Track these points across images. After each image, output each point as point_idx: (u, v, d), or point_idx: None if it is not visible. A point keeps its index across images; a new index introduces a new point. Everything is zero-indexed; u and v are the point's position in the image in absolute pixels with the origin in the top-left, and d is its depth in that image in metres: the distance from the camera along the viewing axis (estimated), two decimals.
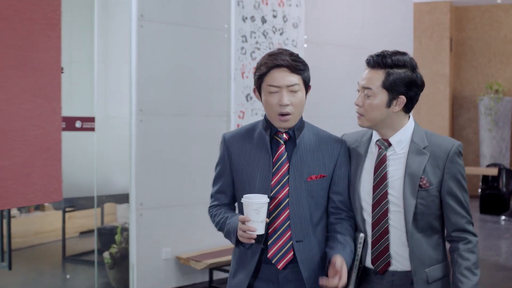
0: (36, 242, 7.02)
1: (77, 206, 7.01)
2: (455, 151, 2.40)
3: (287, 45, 6.44)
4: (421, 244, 2.42)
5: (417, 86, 2.41)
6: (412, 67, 2.41)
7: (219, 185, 2.59)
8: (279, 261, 2.43)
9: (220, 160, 2.58)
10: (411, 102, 2.43)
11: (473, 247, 2.45)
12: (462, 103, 13.29)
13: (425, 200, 2.40)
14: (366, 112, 2.43)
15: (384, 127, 2.45)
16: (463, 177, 2.43)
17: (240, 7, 6.01)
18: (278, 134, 2.49)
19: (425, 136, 2.45)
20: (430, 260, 2.44)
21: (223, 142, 2.58)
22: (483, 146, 12.35)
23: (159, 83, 5.45)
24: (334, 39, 6.99)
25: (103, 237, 5.98)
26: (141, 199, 5.33)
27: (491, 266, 7.03)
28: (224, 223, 2.49)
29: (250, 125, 2.61)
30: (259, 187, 2.45)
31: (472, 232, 2.47)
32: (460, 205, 2.43)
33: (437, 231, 2.48)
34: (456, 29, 13.20)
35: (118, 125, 5.54)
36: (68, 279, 6.17)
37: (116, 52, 5.75)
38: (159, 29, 5.42)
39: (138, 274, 5.39)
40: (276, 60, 2.41)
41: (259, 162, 2.48)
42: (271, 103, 2.42)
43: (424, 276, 2.42)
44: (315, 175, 2.48)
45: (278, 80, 2.41)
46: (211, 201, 2.63)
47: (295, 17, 6.57)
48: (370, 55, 2.45)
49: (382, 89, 2.38)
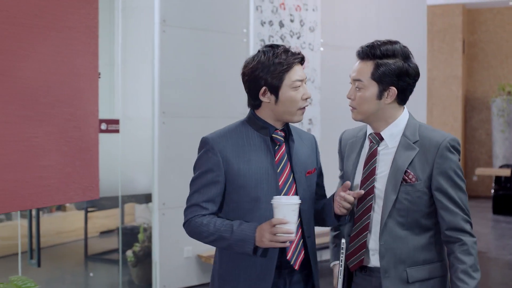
0: (58, 242, 7.14)
1: (98, 206, 7.16)
2: (446, 146, 2.25)
3: (304, 49, 6.58)
4: (404, 241, 2.28)
5: (409, 76, 2.28)
6: (404, 56, 2.30)
7: (209, 194, 2.38)
8: (296, 261, 2.40)
9: (211, 166, 2.38)
10: (404, 93, 2.31)
11: (469, 249, 2.27)
12: (475, 105, 13.36)
13: (410, 195, 2.27)
14: (358, 105, 2.33)
15: (377, 120, 2.34)
16: (456, 174, 2.26)
17: (259, 12, 6.16)
18: (277, 133, 2.44)
19: (418, 130, 2.31)
20: (414, 259, 2.29)
21: (211, 147, 2.40)
22: (495, 147, 12.41)
23: (181, 86, 5.60)
24: (350, 42, 7.10)
25: (124, 236, 6.13)
26: (164, 199, 5.49)
27: (504, 265, 7.14)
28: (229, 231, 2.32)
29: (231, 127, 2.48)
30: (266, 189, 2.37)
31: (468, 231, 2.29)
32: (452, 202, 2.26)
33: (427, 229, 2.32)
34: (469, 31, 13.28)
35: (141, 127, 5.70)
36: (92, 277, 6.33)
37: (138, 55, 5.90)
38: (180, 34, 5.58)
39: (160, 271, 5.54)
40: (294, 56, 2.37)
41: (262, 164, 2.38)
42: (296, 98, 2.36)
43: (404, 275, 2.28)
44: (310, 169, 2.51)
45: (301, 74, 2.39)
46: (194, 210, 2.40)
47: (312, 21, 6.71)
48: (360, 46, 2.37)
49: (372, 81, 2.28)
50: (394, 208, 2.28)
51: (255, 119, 2.44)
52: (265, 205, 2.34)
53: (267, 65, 2.35)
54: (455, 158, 2.27)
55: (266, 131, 2.42)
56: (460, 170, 2.28)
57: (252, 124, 2.44)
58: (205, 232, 2.35)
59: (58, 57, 2.68)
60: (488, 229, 9.48)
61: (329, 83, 6.87)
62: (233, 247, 2.32)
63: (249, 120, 2.46)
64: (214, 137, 2.42)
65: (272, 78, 2.35)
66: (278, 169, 2.41)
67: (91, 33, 2.86)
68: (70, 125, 2.75)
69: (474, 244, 2.29)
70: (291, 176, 2.43)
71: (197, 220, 2.37)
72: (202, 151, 2.43)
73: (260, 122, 2.43)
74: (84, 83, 2.83)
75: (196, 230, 2.38)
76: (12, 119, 2.44)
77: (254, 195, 2.36)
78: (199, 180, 2.40)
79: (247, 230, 2.30)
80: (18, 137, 2.48)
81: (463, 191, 2.28)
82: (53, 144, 2.67)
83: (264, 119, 2.43)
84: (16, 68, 2.46)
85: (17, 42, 2.46)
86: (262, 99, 2.39)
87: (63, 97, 2.71)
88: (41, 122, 2.59)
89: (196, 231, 2.38)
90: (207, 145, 2.41)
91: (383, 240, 2.29)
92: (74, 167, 2.79)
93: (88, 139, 2.86)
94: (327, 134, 6.86)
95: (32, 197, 2.55)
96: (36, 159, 2.56)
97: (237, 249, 2.31)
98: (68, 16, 2.74)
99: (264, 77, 2.35)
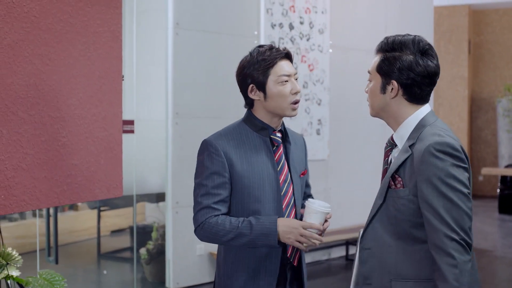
0: (70, 240, 7.24)
1: (110, 205, 7.27)
2: (428, 151, 1.99)
3: (313, 50, 6.69)
4: (393, 251, 2.09)
5: (413, 72, 2.10)
6: (417, 50, 2.12)
7: (220, 195, 2.39)
8: (295, 257, 2.49)
9: (218, 168, 2.39)
10: (409, 89, 2.12)
11: (444, 274, 1.94)
12: (481, 105, 13.44)
13: (396, 203, 2.08)
14: (368, 98, 2.24)
15: (387, 117, 2.21)
16: (443, 182, 1.96)
17: (269, 15, 6.28)
18: (275, 134, 2.49)
19: (422, 132, 2.10)
20: (401, 272, 2.08)
21: (215, 149, 2.41)
22: (501, 147, 12.49)
23: (194, 87, 5.71)
24: (358, 44, 7.22)
25: (136, 235, 6.24)
26: (177, 198, 5.61)
27: (510, 263, 7.24)
28: (248, 227, 2.34)
29: (230, 128, 2.52)
30: (268, 189, 2.42)
31: (449, 251, 1.94)
32: (436, 215, 1.97)
33: (421, 242, 2.06)
34: (475, 32, 13.36)
35: (155, 127, 5.81)
36: (105, 274, 6.44)
37: (151, 57, 6.01)
38: (193, 36, 5.69)
39: (173, 269, 5.65)
40: (278, 52, 2.42)
41: (264, 165, 2.42)
42: (285, 93, 2.41)
43: (387, 286, 2.09)
44: (303, 170, 2.58)
45: (287, 69, 2.43)
46: (206, 212, 2.39)
47: (321, 24, 6.82)
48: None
49: (376, 73, 2.18)
50: (383, 215, 2.13)
51: (253, 119, 2.48)
52: (269, 205, 2.41)
53: (253, 63, 2.42)
54: (442, 164, 1.97)
55: (265, 132, 2.46)
56: (450, 177, 1.97)
57: (251, 124, 2.48)
58: (222, 231, 2.35)
59: (84, 61, 2.80)
60: (494, 228, 9.57)
61: (338, 84, 6.98)
62: (254, 242, 2.33)
63: (247, 120, 2.51)
64: (216, 138, 2.44)
65: (258, 75, 2.41)
66: (278, 169, 2.46)
67: (114, 38, 2.98)
68: (96, 125, 2.87)
69: (453, 268, 1.93)
70: (289, 176, 2.49)
71: (211, 221, 2.36)
72: (205, 154, 2.42)
73: (258, 122, 2.47)
74: (108, 86, 2.95)
75: (211, 231, 2.36)
76: (41, 119, 2.55)
77: (258, 195, 2.40)
78: (207, 182, 2.39)
79: (268, 223, 2.33)
80: (48, 137, 2.59)
81: (452, 202, 1.96)
82: (81, 144, 2.78)
83: (260, 118, 2.47)
84: (44, 71, 2.57)
85: (44, 46, 2.57)
86: (251, 96, 2.45)
87: (89, 99, 2.83)
88: (69, 123, 2.70)
89: (212, 232, 2.36)
90: (210, 147, 2.41)
91: (367, 245, 2.16)
92: (99, 166, 2.90)
93: (112, 139, 2.98)
94: (336, 134, 6.98)
95: (61, 194, 2.66)
96: (65, 158, 2.68)
97: (259, 244, 2.33)
98: (93, 21, 2.85)
99: (251, 75, 2.43)
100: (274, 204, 2.42)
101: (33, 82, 2.51)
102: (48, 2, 2.59)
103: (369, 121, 7.55)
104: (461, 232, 1.95)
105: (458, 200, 1.96)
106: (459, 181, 1.98)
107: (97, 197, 2.90)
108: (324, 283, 6.18)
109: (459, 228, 1.95)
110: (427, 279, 2.05)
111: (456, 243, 1.94)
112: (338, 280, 6.31)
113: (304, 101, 6.56)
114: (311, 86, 6.61)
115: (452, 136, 2.07)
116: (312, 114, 6.70)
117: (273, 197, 2.42)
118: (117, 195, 3.02)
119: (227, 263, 2.48)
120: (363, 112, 7.31)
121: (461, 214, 1.96)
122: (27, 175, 2.46)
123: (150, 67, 6.00)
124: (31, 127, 2.49)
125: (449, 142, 2.00)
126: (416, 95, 2.13)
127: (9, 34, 2.39)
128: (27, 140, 2.47)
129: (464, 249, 1.95)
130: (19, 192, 2.42)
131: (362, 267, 2.16)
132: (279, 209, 2.43)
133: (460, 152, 2.01)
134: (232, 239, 2.35)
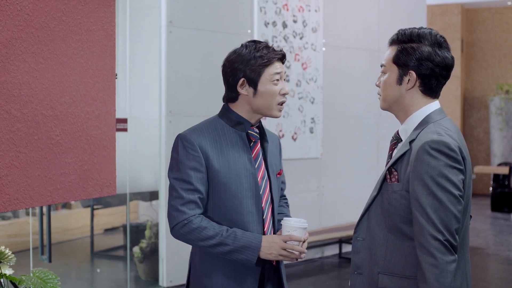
0: (64, 239, 7.25)
1: (103, 203, 7.27)
2: (424, 148, 1.99)
3: (306, 49, 6.70)
4: (383, 244, 2.11)
5: (432, 62, 2.11)
6: (433, 42, 2.13)
7: (198, 192, 2.35)
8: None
9: (194, 163, 2.35)
10: (427, 80, 2.14)
11: (425, 274, 1.94)
12: (473, 103, 13.49)
13: (389, 196, 2.10)
14: (381, 90, 2.22)
15: (398, 109, 2.20)
16: (434, 180, 1.96)
17: (263, 13, 6.28)
18: (253, 129, 2.45)
19: (424, 129, 2.09)
20: (389, 266, 2.10)
21: (191, 144, 2.37)
22: (494, 145, 12.54)
23: (187, 85, 5.71)
24: (351, 43, 7.24)
25: (130, 233, 6.24)
26: None
27: (502, 261, 7.29)
28: (232, 237, 2.31)
29: (206, 123, 2.49)
30: (246, 187, 2.39)
31: (432, 252, 1.94)
32: (423, 213, 1.96)
33: (408, 238, 2.06)
34: (467, 31, 13.41)
35: (148, 126, 5.81)
36: (99, 273, 6.44)
37: (145, 56, 6.01)
38: (187, 34, 5.69)
39: (167, 267, 5.65)
40: (275, 52, 2.41)
41: (240, 160, 2.39)
42: (274, 92, 2.38)
43: (375, 278, 2.12)
44: (279, 170, 2.56)
45: (280, 69, 2.41)
46: (188, 208, 2.34)
47: (314, 22, 6.83)
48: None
49: (393, 65, 2.17)
50: (377, 207, 2.15)
51: (229, 114, 2.44)
52: (247, 201, 2.38)
53: (248, 58, 2.37)
54: (435, 163, 1.97)
55: (242, 127, 2.42)
56: (442, 177, 1.96)
57: (227, 119, 2.44)
58: (204, 236, 2.30)
59: (77, 59, 2.79)
60: (486, 225, 9.61)
61: (331, 82, 6.99)
62: (233, 253, 2.30)
63: (223, 114, 2.47)
64: (192, 133, 2.40)
65: (251, 71, 2.37)
66: (255, 165, 2.43)
67: (108, 36, 2.97)
68: (89, 124, 2.86)
69: (434, 268, 1.92)
70: (266, 174, 2.46)
71: (195, 221, 2.32)
72: (180, 148, 2.37)
73: (234, 117, 2.43)
74: (102, 84, 2.94)
75: (193, 232, 2.32)
76: (34, 118, 2.54)
77: (235, 191, 2.36)
78: (185, 177, 2.34)
79: (253, 238, 2.31)
80: (41, 135, 2.58)
81: (441, 202, 1.95)
82: (74, 142, 2.77)
83: (239, 113, 2.43)
84: (37, 69, 2.56)
85: (37, 44, 2.56)
86: (240, 91, 2.40)
87: (82, 97, 2.82)
88: (63, 121, 2.70)
89: (193, 233, 2.32)
90: (185, 142, 2.37)
91: (361, 235, 2.18)
92: (93, 164, 2.90)
93: (106, 138, 2.97)
94: (329, 132, 6.99)
95: (55, 192, 2.66)
96: (58, 156, 2.67)
97: (237, 256, 2.30)
98: (87, 19, 2.84)
99: (243, 69, 2.38)
100: (253, 200, 2.39)
101: (26, 80, 2.50)
102: (41, 0, 2.59)
103: (362, 119, 7.59)
104: (446, 233, 1.94)
105: (447, 201, 1.95)
106: (451, 182, 1.97)
107: (90, 195, 2.89)
108: (317, 281, 6.19)
109: (445, 228, 1.94)
110: (412, 277, 2.05)
111: (439, 243, 1.93)
112: (332, 278, 6.32)
113: (298, 100, 6.57)
114: (304, 84, 6.63)
115: (453, 136, 2.05)
116: (306, 113, 6.71)
117: (252, 193, 2.39)
118: (110, 193, 3.01)
119: (205, 262, 2.43)
120: (357, 110, 7.34)
121: (448, 216, 1.95)
122: (20, 173, 2.46)
123: (144, 65, 5.99)
124: (24, 126, 2.48)
125: (446, 142, 1.99)
126: (432, 87, 2.16)
127: (2, 32, 2.39)
128: (20, 139, 2.47)
129: (447, 250, 1.94)
130: (12, 191, 2.41)
131: (355, 256, 2.19)
132: (258, 205, 2.41)
133: (456, 153, 1.99)
134: (212, 245, 2.32)
